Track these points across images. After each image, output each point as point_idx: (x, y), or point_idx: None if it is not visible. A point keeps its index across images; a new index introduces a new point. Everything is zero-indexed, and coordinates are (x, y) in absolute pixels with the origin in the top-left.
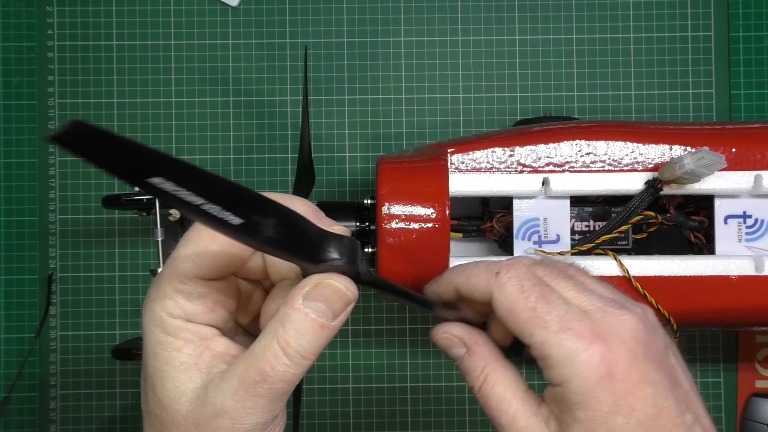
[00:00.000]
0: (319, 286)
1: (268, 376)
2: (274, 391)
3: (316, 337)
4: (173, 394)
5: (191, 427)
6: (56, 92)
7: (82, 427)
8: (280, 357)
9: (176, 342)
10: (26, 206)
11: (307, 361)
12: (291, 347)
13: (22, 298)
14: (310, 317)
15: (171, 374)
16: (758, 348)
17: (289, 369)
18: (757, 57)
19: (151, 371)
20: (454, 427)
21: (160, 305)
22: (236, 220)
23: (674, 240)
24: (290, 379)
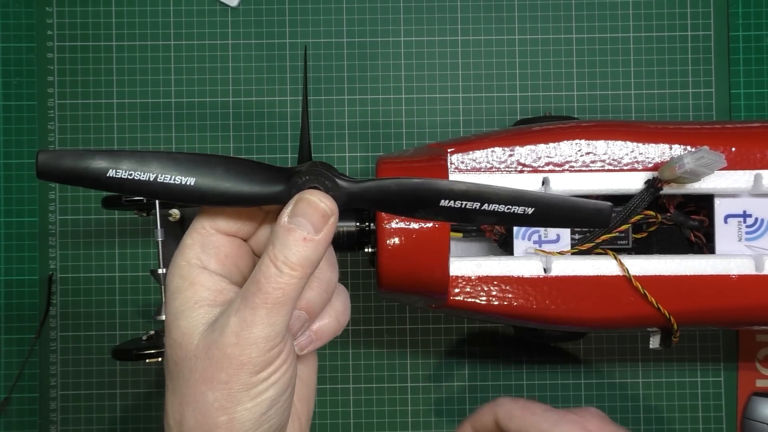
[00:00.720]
0: (298, 202)
1: (261, 285)
2: (270, 299)
3: (300, 249)
4: (186, 330)
5: (201, 355)
6: (56, 93)
7: (83, 428)
8: (270, 268)
9: (192, 287)
10: (26, 207)
11: (296, 272)
12: (278, 259)
13: (22, 298)
14: (292, 231)
15: (185, 313)
16: (759, 347)
17: (281, 278)
18: (756, 56)
19: (169, 317)
20: (454, 427)
21: (180, 256)
22: (190, 180)
23: (674, 239)
24: (283, 287)
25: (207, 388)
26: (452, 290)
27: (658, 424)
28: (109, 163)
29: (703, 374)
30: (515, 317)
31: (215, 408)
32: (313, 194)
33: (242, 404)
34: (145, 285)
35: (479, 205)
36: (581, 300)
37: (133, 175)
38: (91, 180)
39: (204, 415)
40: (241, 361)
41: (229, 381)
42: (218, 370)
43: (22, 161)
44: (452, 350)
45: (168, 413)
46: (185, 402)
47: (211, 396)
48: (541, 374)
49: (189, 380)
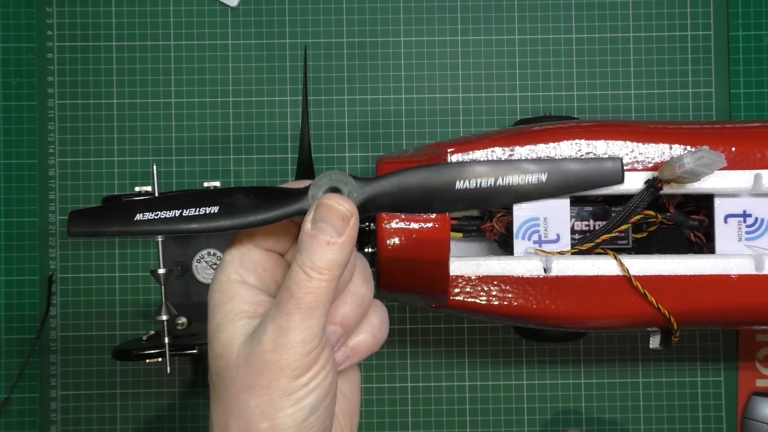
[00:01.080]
0: (318, 207)
1: (293, 291)
2: (303, 305)
3: (325, 253)
4: (227, 341)
5: (240, 363)
6: (56, 93)
7: (83, 428)
8: (300, 274)
9: (232, 301)
10: (26, 207)
11: (324, 276)
12: (306, 265)
13: (22, 298)
14: (315, 237)
15: (226, 325)
16: (759, 347)
17: (311, 282)
18: (756, 56)
19: (211, 331)
20: (454, 427)
21: (220, 272)
22: (214, 209)
23: (674, 239)
24: (313, 291)
25: (248, 395)
26: (452, 290)
27: (658, 424)
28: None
29: (703, 374)
30: (515, 317)
31: (257, 414)
32: (331, 198)
33: (283, 410)
34: (146, 285)
35: (494, 181)
36: (581, 300)
37: (159, 214)
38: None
39: (247, 423)
40: (280, 365)
41: (269, 386)
42: (258, 376)
43: (22, 161)
44: (452, 350)
45: (213, 423)
46: (228, 411)
47: (253, 402)
48: (541, 374)
49: (231, 389)
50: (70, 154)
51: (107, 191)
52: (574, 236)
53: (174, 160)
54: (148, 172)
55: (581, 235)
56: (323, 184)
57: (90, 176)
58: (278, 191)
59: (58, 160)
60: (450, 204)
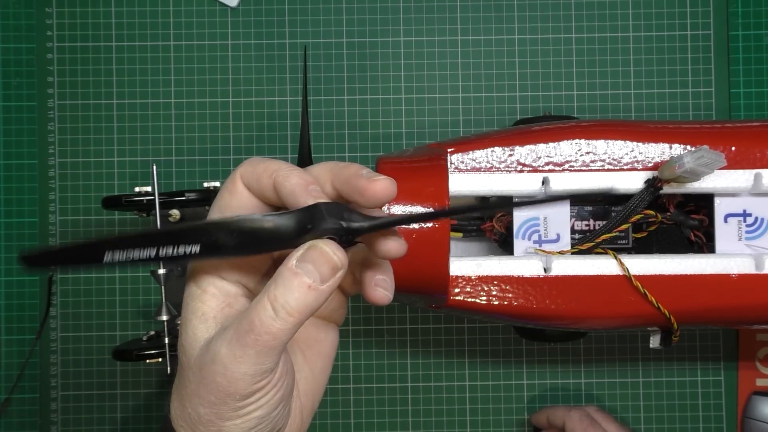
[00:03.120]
0: (310, 248)
1: (255, 326)
2: (260, 342)
3: (302, 296)
4: (191, 340)
5: (196, 371)
6: (55, 93)
7: (83, 428)
8: (267, 310)
9: (203, 295)
10: (26, 207)
11: (292, 318)
12: (278, 302)
13: (22, 299)
14: (298, 276)
15: (193, 323)
16: (759, 346)
17: (274, 323)
18: (756, 56)
19: (182, 320)
20: (454, 427)
21: (199, 263)
22: (194, 248)
23: (674, 239)
24: (275, 333)
25: (198, 402)
26: (452, 290)
27: (658, 423)
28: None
29: (703, 373)
30: (515, 317)
31: (205, 420)
32: (327, 245)
33: (231, 420)
34: (146, 286)
35: None
36: (581, 300)
37: (132, 255)
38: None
39: (197, 420)
40: (228, 391)
41: (217, 404)
42: (207, 391)
43: (22, 162)
44: (452, 350)
45: (172, 402)
46: (184, 404)
47: (202, 410)
48: (541, 374)
49: (187, 387)
50: (69, 154)
51: (107, 191)
52: (574, 236)
53: (174, 160)
54: (148, 173)
55: (581, 234)
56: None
57: (90, 176)
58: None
59: (57, 161)
60: None
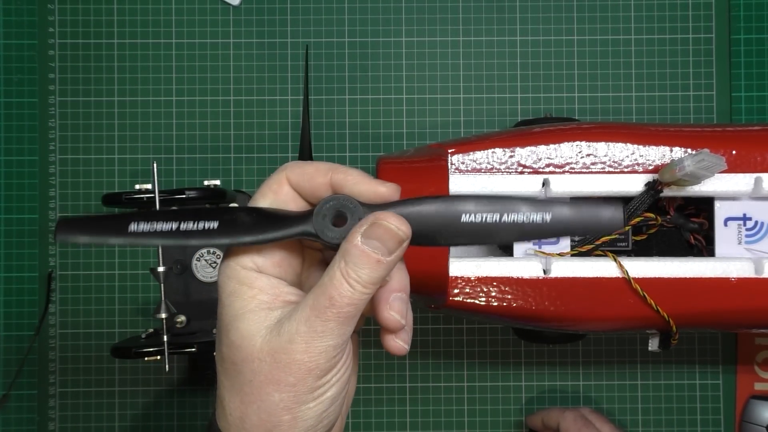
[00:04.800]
0: (374, 225)
1: (335, 300)
2: (342, 314)
3: (373, 270)
4: (247, 332)
5: (266, 358)
6: (57, 90)
7: (81, 425)
8: (344, 285)
9: (250, 290)
10: (26, 204)
11: (367, 290)
12: (352, 278)
13: (21, 295)
14: (366, 253)
15: (246, 316)
16: (757, 350)
17: (354, 294)
18: (758, 59)
19: (226, 319)
20: (452, 428)
21: (235, 260)
22: (213, 223)
23: (674, 242)
24: (355, 302)
25: (273, 389)
26: (452, 291)
27: (656, 427)
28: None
29: (701, 377)
30: (514, 318)
31: (280, 408)
32: (391, 219)
33: (306, 404)
34: (145, 283)
35: (499, 218)
36: (580, 302)
37: (156, 226)
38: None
39: (268, 414)
40: (309, 367)
41: (297, 384)
42: (286, 373)
43: (22, 158)
44: (451, 351)
45: (226, 409)
46: (248, 401)
47: (277, 396)
48: (540, 375)
49: (252, 381)
50: (70, 151)
51: (107, 189)
52: (573, 238)
53: (174, 158)
54: (148, 170)
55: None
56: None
57: (90, 174)
58: (281, 213)
59: (58, 158)
60: (453, 237)
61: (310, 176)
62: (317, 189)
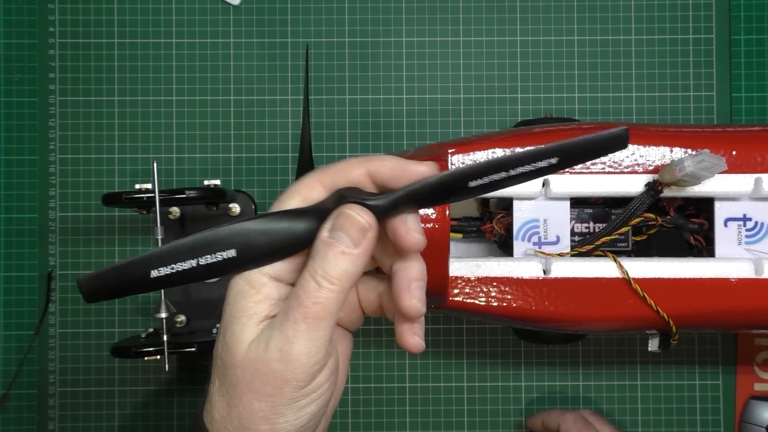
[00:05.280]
0: (338, 216)
1: (302, 300)
2: (310, 314)
3: (338, 263)
4: (238, 337)
5: (246, 365)
6: (57, 90)
7: (81, 425)
8: (310, 283)
9: (257, 295)
10: (26, 203)
11: (334, 287)
12: (318, 273)
13: (21, 295)
14: (331, 245)
15: (242, 320)
16: (757, 351)
17: (320, 292)
18: (758, 60)
19: (227, 317)
20: (452, 428)
21: None
22: (230, 252)
23: (674, 242)
24: (321, 301)
25: (253, 397)
26: (451, 291)
27: (656, 427)
28: (146, 267)
29: (701, 377)
30: (514, 318)
31: (259, 417)
32: (352, 208)
33: (284, 416)
34: None
35: (506, 174)
36: (580, 302)
37: (176, 267)
38: (138, 288)
39: (248, 420)
40: (286, 377)
41: (274, 395)
42: (263, 383)
43: (23, 158)
44: (450, 351)
45: (214, 406)
46: (232, 404)
47: (257, 405)
48: (540, 375)
49: (236, 386)
50: (70, 150)
51: (107, 188)
52: (573, 238)
53: (174, 158)
54: (148, 170)
55: (581, 237)
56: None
57: (90, 173)
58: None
59: (58, 157)
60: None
61: (345, 171)
62: (356, 181)
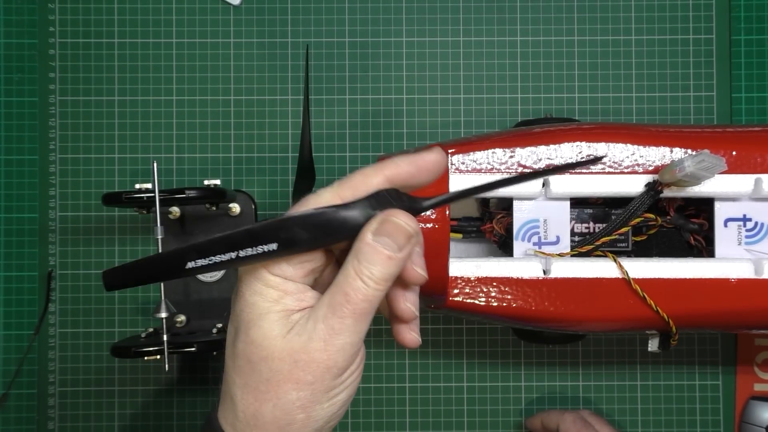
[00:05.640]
0: (384, 222)
1: (350, 297)
2: (357, 310)
3: (384, 266)
4: (268, 332)
5: (285, 357)
6: (57, 89)
7: (81, 425)
8: (357, 281)
9: (275, 293)
10: (26, 203)
11: (380, 286)
12: (364, 274)
13: (21, 294)
14: (377, 249)
15: (269, 317)
16: (757, 351)
17: (368, 290)
18: (758, 60)
19: (247, 317)
20: (452, 428)
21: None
22: (272, 246)
23: (674, 242)
24: (369, 298)
25: (291, 387)
26: (451, 291)
27: (656, 427)
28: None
29: (701, 377)
30: (514, 319)
31: (296, 406)
32: (399, 216)
33: (321, 404)
34: None
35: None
36: (580, 302)
37: (214, 259)
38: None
39: (284, 411)
40: (328, 365)
41: (315, 383)
42: (305, 372)
43: (22, 157)
44: (450, 351)
45: (238, 405)
46: (263, 398)
47: (295, 395)
48: (540, 375)
49: (270, 380)
50: (70, 150)
51: (107, 188)
52: (573, 238)
53: (175, 157)
54: (148, 170)
55: (581, 237)
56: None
57: (90, 173)
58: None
59: (58, 156)
60: None
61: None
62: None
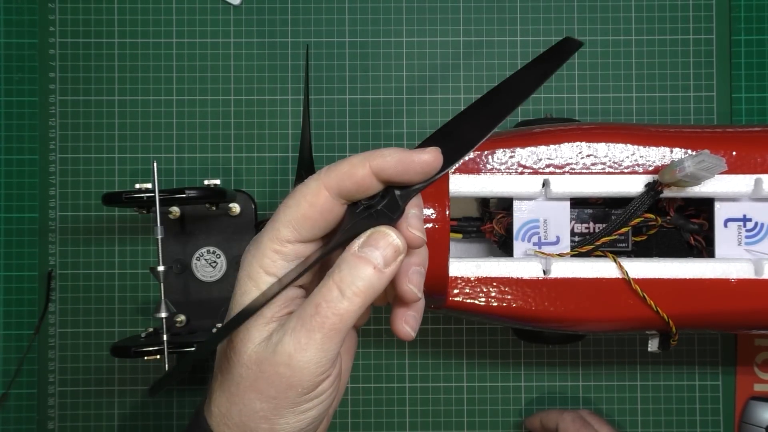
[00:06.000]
0: (374, 234)
1: (321, 309)
2: (327, 324)
3: (368, 278)
4: (245, 337)
5: (253, 366)
6: (57, 89)
7: (80, 424)
8: (333, 291)
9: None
10: (26, 203)
11: (358, 299)
12: (344, 283)
13: (21, 294)
14: (364, 259)
15: (249, 321)
16: (757, 351)
17: (341, 303)
18: (758, 61)
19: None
20: (451, 428)
21: (259, 261)
22: None
23: (674, 243)
24: (342, 314)
25: (255, 397)
26: (451, 291)
27: (655, 427)
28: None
29: (701, 378)
30: (514, 319)
31: (259, 416)
32: (389, 229)
33: (285, 419)
34: (145, 282)
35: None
36: (580, 302)
37: None
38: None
39: (248, 418)
40: (291, 382)
41: (277, 398)
42: (268, 385)
43: (23, 157)
44: (450, 351)
45: (214, 401)
46: (233, 401)
47: (258, 405)
48: (540, 375)
49: (239, 384)
50: (70, 150)
51: (107, 188)
52: (573, 238)
53: (174, 157)
54: (148, 170)
55: (581, 237)
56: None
57: (90, 172)
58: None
59: (58, 156)
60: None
61: (348, 174)
62: (362, 182)
